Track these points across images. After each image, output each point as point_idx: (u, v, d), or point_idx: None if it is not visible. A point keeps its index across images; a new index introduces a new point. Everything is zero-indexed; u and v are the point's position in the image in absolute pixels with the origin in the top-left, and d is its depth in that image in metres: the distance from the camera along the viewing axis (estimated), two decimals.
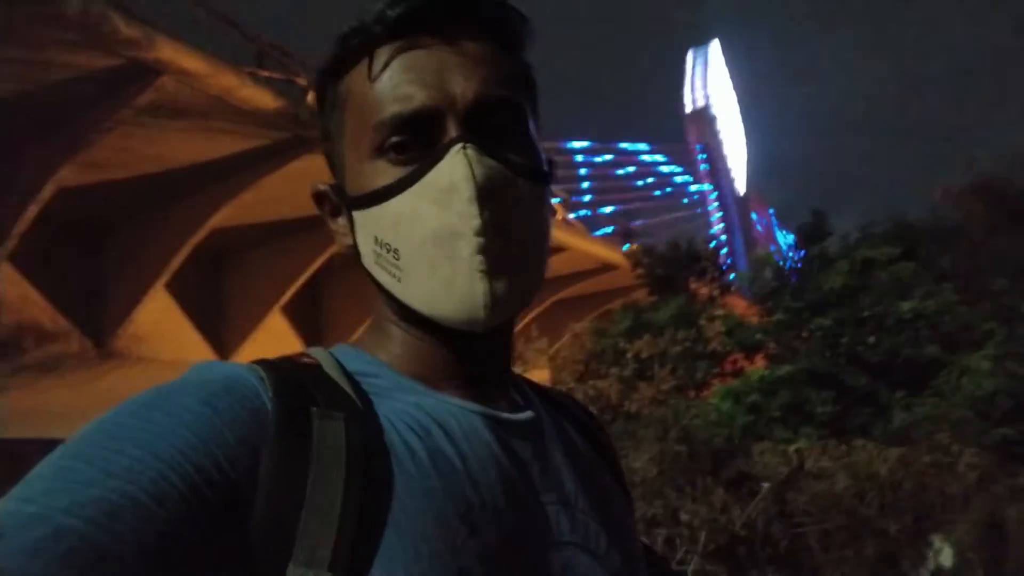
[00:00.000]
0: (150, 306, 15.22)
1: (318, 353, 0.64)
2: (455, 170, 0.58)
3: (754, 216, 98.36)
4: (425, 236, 0.60)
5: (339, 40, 0.65)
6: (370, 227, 0.64)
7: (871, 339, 8.48)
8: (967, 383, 6.97)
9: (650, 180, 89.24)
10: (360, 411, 0.58)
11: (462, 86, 0.61)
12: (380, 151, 0.62)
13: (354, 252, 0.67)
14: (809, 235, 10.62)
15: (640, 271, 12.58)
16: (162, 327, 15.88)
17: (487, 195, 0.58)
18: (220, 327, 17.48)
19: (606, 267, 20.28)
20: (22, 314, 14.22)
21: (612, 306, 17.02)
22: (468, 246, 0.58)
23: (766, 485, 4.73)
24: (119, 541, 0.45)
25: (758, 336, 9.61)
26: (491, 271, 0.59)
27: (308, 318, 20.36)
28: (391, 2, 0.62)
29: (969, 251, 10.22)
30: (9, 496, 0.47)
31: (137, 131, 12.10)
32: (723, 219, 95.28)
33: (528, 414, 0.67)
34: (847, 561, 4.67)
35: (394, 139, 0.61)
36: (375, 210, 0.62)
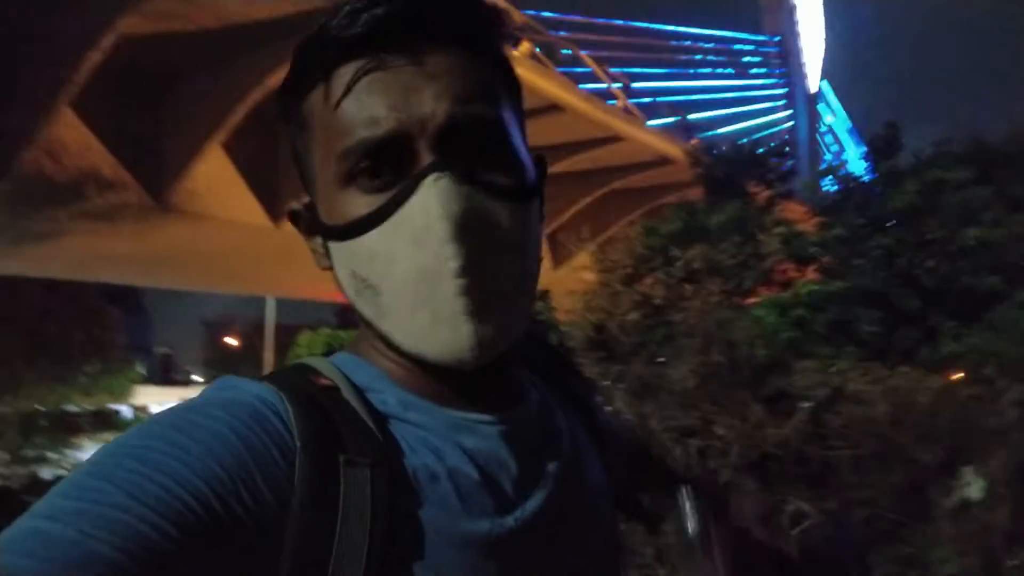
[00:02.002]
0: (206, 163, 15.40)
1: (328, 370, 0.63)
2: (429, 207, 0.55)
3: (824, 120, 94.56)
4: (404, 276, 0.57)
5: (296, 56, 0.61)
6: (347, 260, 0.61)
7: (930, 263, 8.25)
8: (1023, 318, 6.79)
9: (718, 71, 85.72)
10: (383, 448, 0.57)
11: (431, 106, 0.57)
12: (350, 178, 0.59)
13: (335, 277, 0.65)
14: (880, 148, 10.18)
15: (698, 169, 12.27)
16: (217, 185, 16.13)
17: (465, 232, 0.55)
18: (273, 190, 17.69)
19: (663, 160, 19.86)
20: (83, 161, 14.51)
21: (666, 201, 16.76)
22: (449, 288, 0.56)
23: (804, 405, 4.74)
24: (144, 572, 0.44)
25: (813, 249, 9.41)
26: (475, 313, 0.56)
27: None
28: (349, 15, 0.57)
29: None
30: (35, 511, 0.46)
31: None
32: (791, 120, 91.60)
33: (528, 403, 0.68)
34: (875, 486, 4.71)
35: (363, 164, 0.58)
36: (350, 244, 0.60)
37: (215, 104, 14.73)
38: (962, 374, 6.34)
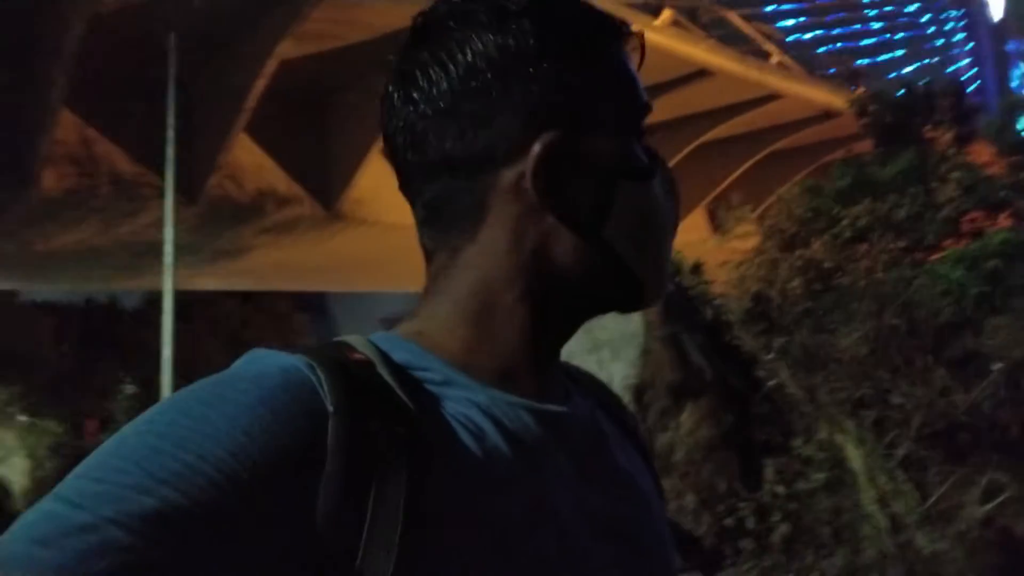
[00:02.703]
0: (369, 171, 16.16)
1: (364, 345, 0.61)
2: (673, 176, 0.70)
3: (1012, 48, 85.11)
4: (664, 220, 0.67)
5: (607, 21, 0.67)
6: (635, 198, 0.65)
7: None
8: None
9: (884, 9, 79.39)
10: (417, 418, 0.56)
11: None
12: (637, 132, 0.66)
13: (578, 217, 0.63)
14: None
15: (865, 120, 11.44)
16: (380, 192, 16.85)
17: None
18: None
19: (826, 115, 18.64)
20: (260, 180, 15.67)
21: (831, 158, 15.75)
22: (671, 241, 0.70)
23: (998, 366, 4.29)
24: (167, 557, 0.43)
25: (1004, 193, 8.51)
26: None
27: None
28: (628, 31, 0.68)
29: None
30: (55, 494, 0.46)
31: (344, 1, 12.50)
32: (973, 51, 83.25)
33: (574, 405, 0.67)
34: None
35: (643, 125, 0.67)
36: (645, 184, 0.65)
37: (373, 115, 15.36)
38: None
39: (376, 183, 16.65)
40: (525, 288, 0.63)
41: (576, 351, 3.60)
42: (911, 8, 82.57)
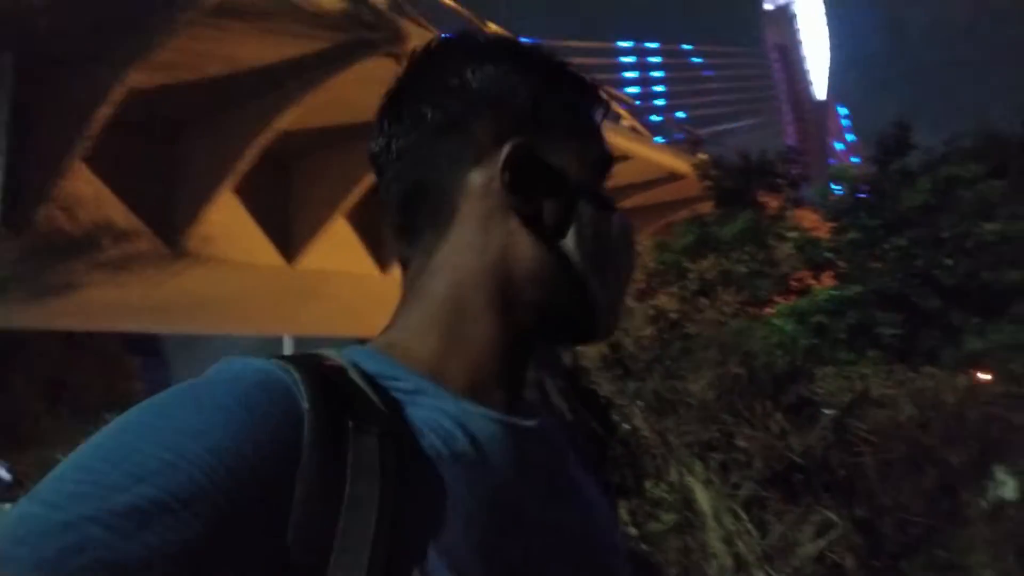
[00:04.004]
0: (218, 208, 15.55)
1: (337, 356, 0.63)
2: (627, 221, 0.72)
3: (831, 126, 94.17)
4: (622, 260, 0.70)
5: (567, 70, 0.73)
6: (596, 223, 0.69)
7: (948, 261, 8.14)
8: None
9: (722, 85, 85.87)
10: (390, 421, 0.57)
11: None
12: (598, 166, 0.71)
13: (543, 227, 0.67)
14: (890, 148, 10.10)
15: (708, 183, 12.24)
16: (230, 229, 16.25)
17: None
18: (286, 230, 17.79)
19: (672, 176, 19.82)
20: (97, 213, 14.68)
21: (677, 218, 16.70)
22: (626, 284, 0.71)
23: (828, 412, 4.65)
24: (146, 552, 0.43)
25: (827, 254, 9.31)
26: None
27: (372, 225, 20.57)
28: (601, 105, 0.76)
29: None
30: (32, 496, 0.46)
31: (204, 33, 12.09)
32: (798, 128, 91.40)
33: (538, 420, 0.68)
34: (904, 490, 4.60)
35: (604, 165, 0.72)
36: (604, 213, 0.70)
37: (225, 149, 14.91)
38: (988, 371, 6.21)
39: (227, 219, 16.03)
40: (493, 292, 0.66)
41: None
42: (750, 84, 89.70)
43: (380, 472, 0.53)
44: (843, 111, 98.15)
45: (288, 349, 27.57)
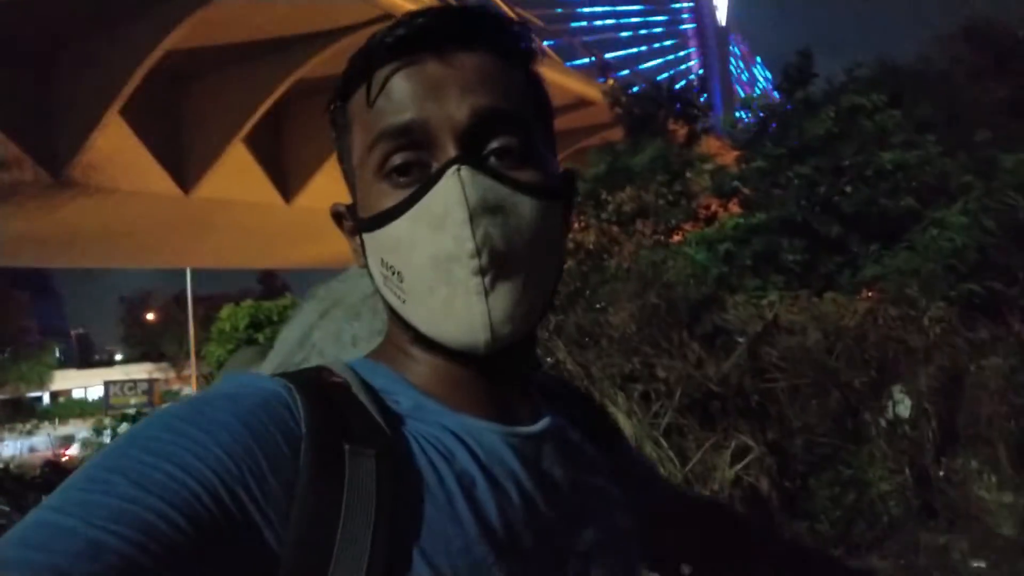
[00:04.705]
0: (106, 133, 14.59)
1: (343, 370, 0.65)
2: (449, 193, 0.60)
3: (735, 55, 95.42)
4: (424, 260, 0.61)
5: (347, 64, 0.66)
6: (376, 249, 0.65)
7: (848, 188, 8.42)
8: (940, 237, 7.00)
9: (630, 9, 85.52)
10: (390, 441, 0.59)
11: (458, 100, 0.62)
12: (382, 173, 0.63)
13: (368, 272, 0.69)
14: (794, 77, 10.28)
15: (618, 110, 12.23)
16: (120, 156, 15.32)
17: (482, 216, 0.60)
18: (181, 157, 16.88)
19: (581, 103, 19.75)
20: None
21: (587, 144, 16.70)
22: (464, 268, 0.60)
23: (741, 340, 4.78)
24: (154, 562, 0.45)
25: (734, 183, 9.50)
26: (488, 292, 0.60)
27: (270, 149, 19.72)
28: (392, 25, 0.63)
29: (952, 98, 10.01)
30: (44, 505, 0.48)
31: None
32: (702, 56, 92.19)
33: (543, 423, 0.68)
34: (811, 413, 4.83)
35: (395, 161, 0.62)
36: (379, 233, 0.64)
37: (110, 69, 13.91)
38: (885, 295, 6.53)
39: (116, 146, 15.10)
40: (406, 337, 0.68)
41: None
42: (643, 7, 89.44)
43: (376, 495, 0.54)
44: (747, 39, 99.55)
45: (190, 281, 26.57)
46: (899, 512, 4.71)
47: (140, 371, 31.85)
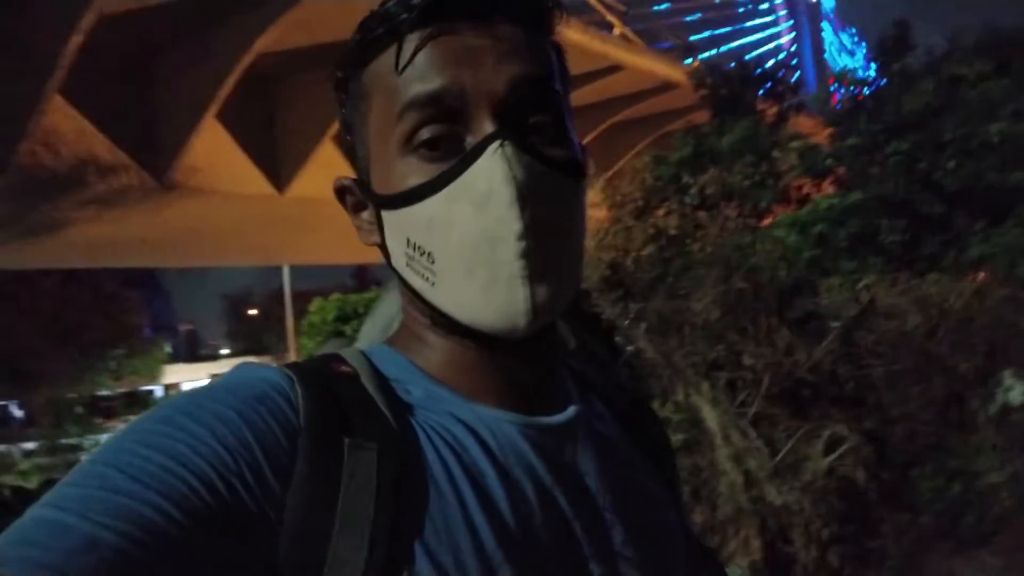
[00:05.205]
0: (203, 137, 15.18)
1: (355, 357, 0.63)
2: (494, 171, 0.57)
3: (828, 29, 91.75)
4: (462, 240, 0.58)
5: (362, 27, 0.63)
6: (401, 228, 0.62)
7: (951, 164, 7.96)
8: None
9: None
10: (395, 433, 0.57)
11: (495, 69, 0.59)
12: (409, 146, 0.60)
13: (383, 251, 0.66)
14: (890, 49, 9.78)
15: (703, 91, 11.93)
16: (217, 159, 15.93)
17: (528, 197, 0.56)
18: (274, 158, 17.44)
19: (666, 86, 19.36)
20: (80, 147, 14.35)
21: (672, 129, 16.38)
22: (508, 251, 0.57)
23: (834, 325, 4.58)
24: (150, 555, 0.45)
25: (827, 161, 9.12)
26: (532, 276, 0.57)
27: None
28: None
29: None
30: (42, 501, 0.48)
31: None
32: (793, 32, 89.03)
33: (568, 413, 0.65)
34: (912, 400, 4.58)
35: (425, 133, 0.59)
36: (406, 211, 0.61)
37: (204, 75, 14.46)
38: (993, 275, 6.14)
39: (212, 149, 15.69)
40: (425, 321, 0.65)
41: None
42: None
43: (376, 490, 0.53)
44: (832, 5, 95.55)
45: (287, 278, 27.49)
46: (1011, 505, 4.43)
47: None
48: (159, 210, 16.26)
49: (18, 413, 22.27)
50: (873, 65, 10.30)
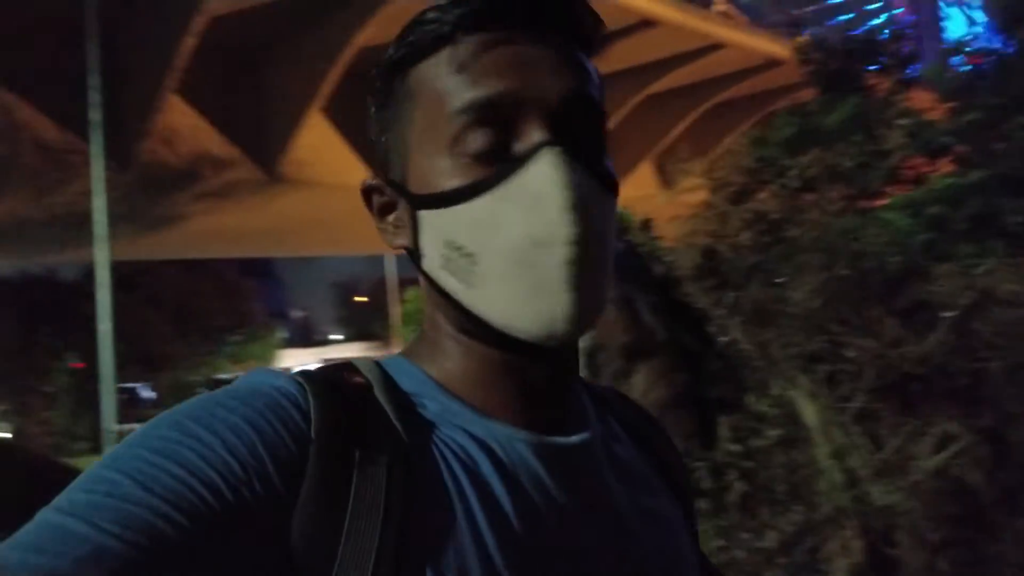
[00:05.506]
0: (309, 131, 15.68)
1: (369, 369, 0.63)
2: (547, 176, 0.57)
3: None
4: (509, 244, 0.57)
5: (412, 28, 0.63)
6: (441, 229, 0.61)
7: None
8: None
9: None
10: (406, 448, 0.57)
11: (549, 79, 0.59)
12: (458, 148, 0.60)
13: (412, 253, 0.65)
14: (1017, 14, 9.07)
15: (809, 67, 11.41)
16: (322, 152, 16.41)
17: (578, 205, 0.57)
18: (374, 151, 17.84)
19: (769, 64, 18.63)
20: (195, 144, 15.09)
21: (776, 108, 15.76)
22: (556, 257, 0.56)
23: (947, 315, 4.29)
24: (156, 565, 0.45)
25: (945, 138, 8.56)
26: (576, 284, 0.57)
27: None
28: None
29: None
30: (51, 505, 0.48)
31: None
32: (907, 1, 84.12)
33: (583, 436, 0.64)
34: None
35: (477, 138, 0.59)
36: (450, 211, 0.60)
37: (308, 71, 14.91)
38: None
39: (317, 143, 16.18)
40: (444, 318, 0.64)
41: None
42: None
43: (384, 506, 0.53)
44: None
45: (390, 266, 28.19)
46: None
47: (353, 350, 34.45)
48: (269, 202, 16.91)
49: (147, 394, 23.70)
50: (996, 34, 9.59)
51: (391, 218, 0.67)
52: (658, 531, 0.66)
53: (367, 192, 0.69)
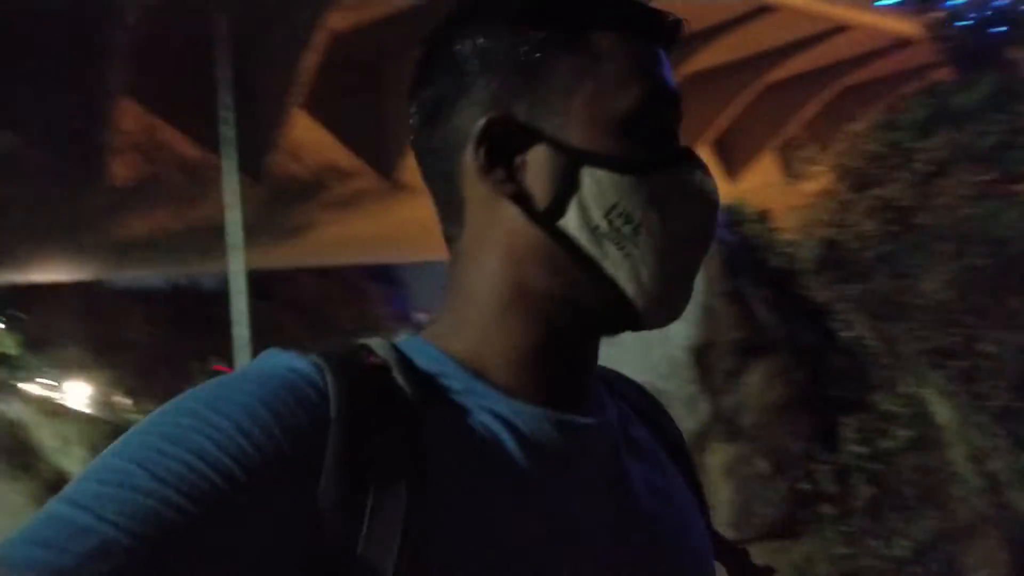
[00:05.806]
0: None
1: (385, 349, 0.61)
2: (706, 180, 0.62)
3: None
4: (672, 226, 0.60)
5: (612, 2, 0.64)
6: (609, 192, 0.59)
7: None
8: None
9: None
10: (427, 427, 0.56)
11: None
12: (630, 121, 0.60)
13: (530, 204, 0.61)
14: None
15: (943, 45, 10.73)
16: None
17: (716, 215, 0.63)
18: None
19: (899, 44, 17.59)
20: (321, 156, 15.80)
21: (908, 90, 14.87)
22: (697, 251, 0.62)
23: None
24: (167, 559, 0.44)
25: None
26: (692, 280, 0.62)
27: None
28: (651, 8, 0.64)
29: None
30: (60, 496, 0.47)
31: None
32: None
33: (603, 416, 0.65)
34: None
35: (656, 118, 0.61)
36: (627, 178, 0.59)
37: None
38: None
39: None
40: (507, 288, 0.62)
41: None
42: None
43: (407, 489, 0.52)
44: None
45: None
46: None
47: None
48: (390, 209, 17.45)
49: None
50: None
51: (517, 161, 0.61)
52: (674, 511, 0.67)
53: (502, 126, 0.61)
